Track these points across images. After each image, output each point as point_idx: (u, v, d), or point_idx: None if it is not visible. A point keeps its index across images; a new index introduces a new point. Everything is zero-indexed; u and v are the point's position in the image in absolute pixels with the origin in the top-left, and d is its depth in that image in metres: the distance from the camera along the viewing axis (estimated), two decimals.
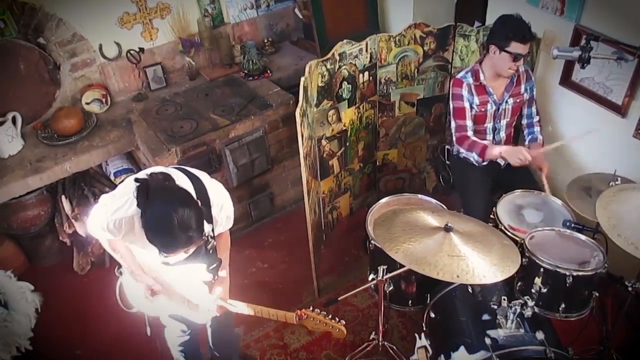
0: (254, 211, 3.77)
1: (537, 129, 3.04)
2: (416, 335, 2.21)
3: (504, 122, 2.97)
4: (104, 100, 3.65)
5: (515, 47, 2.66)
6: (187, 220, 1.73)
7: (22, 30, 3.32)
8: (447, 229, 2.14)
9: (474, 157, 2.98)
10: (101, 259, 3.66)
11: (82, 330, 3.29)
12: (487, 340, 2.18)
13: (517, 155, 2.74)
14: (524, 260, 2.23)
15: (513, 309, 2.20)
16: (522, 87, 2.92)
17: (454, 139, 3.02)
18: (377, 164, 3.64)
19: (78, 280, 3.64)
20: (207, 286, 2.15)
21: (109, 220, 1.92)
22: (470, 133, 2.92)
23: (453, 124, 2.99)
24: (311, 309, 2.03)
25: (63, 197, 3.52)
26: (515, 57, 2.69)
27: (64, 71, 3.56)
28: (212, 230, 2.06)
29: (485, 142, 2.91)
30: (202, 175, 2.05)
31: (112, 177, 3.70)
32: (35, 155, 3.33)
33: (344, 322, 2.01)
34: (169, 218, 1.70)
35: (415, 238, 2.12)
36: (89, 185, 3.63)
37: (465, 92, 2.89)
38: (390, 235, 2.14)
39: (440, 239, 2.12)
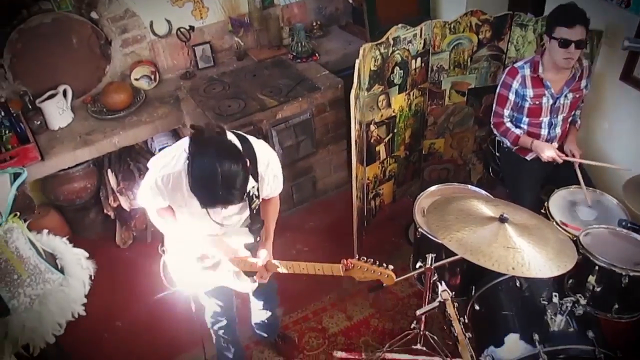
0: (296, 194, 3.76)
1: (577, 112, 3.00)
2: (437, 283, 2.20)
3: (560, 117, 2.88)
4: (152, 76, 3.68)
5: (559, 31, 2.57)
6: (232, 178, 1.70)
7: (76, 4, 3.36)
8: (502, 220, 2.08)
9: (506, 142, 2.98)
10: (143, 234, 3.71)
11: (122, 302, 3.34)
12: (535, 336, 2.14)
13: (546, 153, 2.77)
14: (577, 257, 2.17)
15: (564, 306, 2.14)
16: (583, 82, 2.83)
17: (491, 120, 3.02)
18: (423, 152, 3.59)
19: (120, 253, 3.70)
20: (250, 251, 2.14)
21: (157, 177, 1.93)
22: (506, 120, 2.95)
23: (494, 108, 2.99)
24: (357, 257, 1.97)
25: (109, 170, 3.57)
26: (564, 43, 2.58)
27: (114, 47, 3.60)
28: (257, 189, 2.03)
29: (518, 131, 2.91)
30: (249, 136, 2.04)
31: (156, 153, 3.73)
32: (84, 129, 3.38)
33: (392, 267, 1.94)
34: (214, 171, 1.67)
35: (469, 227, 2.06)
36: (135, 160, 3.68)
37: (515, 84, 2.82)
38: (443, 222, 2.10)
39: (494, 229, 2.06)
